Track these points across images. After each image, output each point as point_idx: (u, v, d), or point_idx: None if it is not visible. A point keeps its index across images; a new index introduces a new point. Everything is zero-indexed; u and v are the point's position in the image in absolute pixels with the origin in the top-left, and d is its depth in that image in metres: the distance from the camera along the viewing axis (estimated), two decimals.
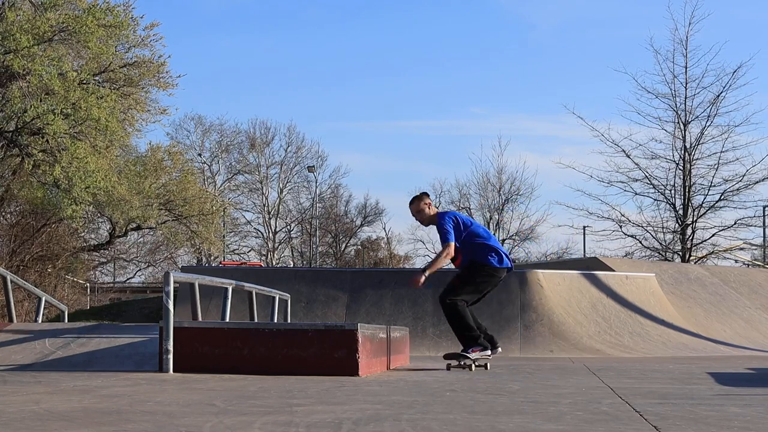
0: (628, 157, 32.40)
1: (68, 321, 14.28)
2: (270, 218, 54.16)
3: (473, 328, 8.65)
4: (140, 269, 44.73)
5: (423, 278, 8.41)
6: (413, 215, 8.91)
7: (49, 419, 3.97)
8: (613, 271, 17.52)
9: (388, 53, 77.87)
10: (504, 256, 8.80)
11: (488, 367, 8.75)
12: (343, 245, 57.97)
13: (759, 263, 34.88)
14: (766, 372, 8.97)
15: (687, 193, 32.42)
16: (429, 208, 8.85)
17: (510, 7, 79.08)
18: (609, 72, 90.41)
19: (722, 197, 32.37)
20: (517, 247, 49.53)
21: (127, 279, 45.91)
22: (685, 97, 32.12)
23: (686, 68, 31.99)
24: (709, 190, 32.46)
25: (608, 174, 32.78)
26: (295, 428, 3.68)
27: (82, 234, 29.82)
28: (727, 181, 32.12)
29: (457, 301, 8.58)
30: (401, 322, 13.98)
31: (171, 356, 7.29)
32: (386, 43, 78.37)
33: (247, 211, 54.47)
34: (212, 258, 45.95)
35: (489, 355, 8.70)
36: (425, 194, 8.96)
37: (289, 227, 56.14)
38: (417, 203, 8.83)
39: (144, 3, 66.07)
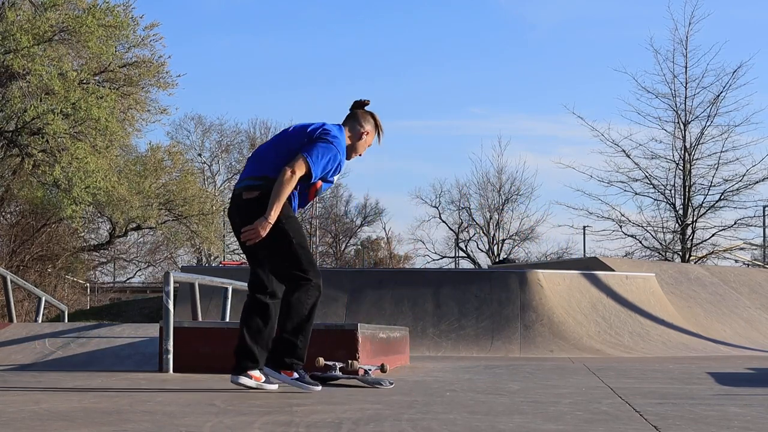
0: (628, 157, 32.42)
1: (68, 321, 14.27)
2: None
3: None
4: (140, 269, 44.73)
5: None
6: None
7: (49, 419, 3.97)
8: (613, 271, 17.53)
9: (388, 53, 77.89)
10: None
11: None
12: (343, 245, 57.95)
13: (759, 263, 34.88)
14: (766, 372, 8.97)
15: (687, 193, 32.43)
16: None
17: (509, 6, 79.10)
18: (609, 72, 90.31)
19: (722, 197, 32.38)
20: (517, 247, 49.58)
21: (127, 279, 45.92)
22: (685, 97, 32.14)
23: (686, 68, 32.00)
24: (709, 190, 32.48)
25: (608, 174, 32.81)
26: (295, 428, 3.68)
27: (82, 234, 29.81)
28: (727, 181, 32.14)
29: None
30: (401, 322, 13.98)
31: (171, 356, 7.29)
32: (386, 43, 78.41)
33: None
34: (212, 258, 45.93)
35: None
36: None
37: None
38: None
39: (144, 3, 66.05)
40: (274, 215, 5.30)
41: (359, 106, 5.78)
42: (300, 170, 5.37)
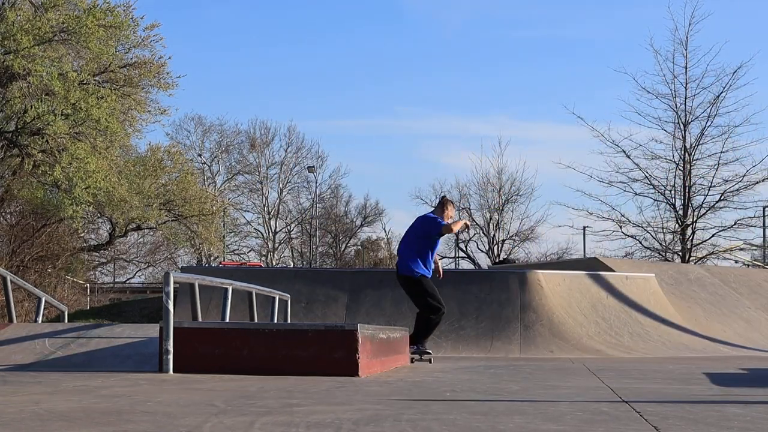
0: (628, 157, 32.38)
1: (68, 321, 14.27)
2: (270, 218, 54.17)
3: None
4: (140, 269, 44.77)
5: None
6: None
7: (49, 419, 3.97)
8: (613, 271, 17.51)
9: (388, 54, 77.94)
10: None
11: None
12: (343, 245, 57.95)
13: (759, 263, 34.87)
14: (766, 372, 8.97)
15: (687, 194, 32.41)
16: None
17: (508, 7, 79.13)
18: (609, 72, 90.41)
19: (722, 197, 32.36)
20: (517, 248, 49.58)
21: (127, 279, 45.93)
22: (685, 98, 32.11)
23: (686, 68, 31.98)
24: (709, 190, 32.45)
25: (608, 174, 32.79)
26: (295, 428, 3.68)
27: (82, 234, 29.81)
28: (727, 181, 32.10)
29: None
30: (401, 322, 13.97)
31: (171, 356, 7.28)
32: (385, 43, 78.46)
33: (247, 211, 54.47)
34: (212, 258, 45.93)
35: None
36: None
37: (289, 227, 56.15)
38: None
39: (144, 3, 66.11)
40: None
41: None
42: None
